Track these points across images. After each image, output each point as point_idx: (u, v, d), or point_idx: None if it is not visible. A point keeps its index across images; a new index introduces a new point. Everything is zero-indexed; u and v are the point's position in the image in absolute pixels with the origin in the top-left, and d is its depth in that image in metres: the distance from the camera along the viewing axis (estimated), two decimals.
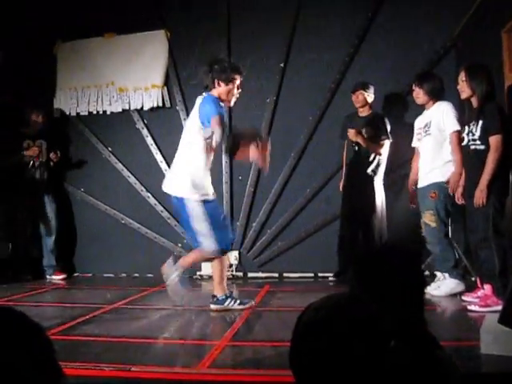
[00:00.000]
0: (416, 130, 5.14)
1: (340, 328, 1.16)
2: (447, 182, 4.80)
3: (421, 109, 5.18)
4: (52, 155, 6.45)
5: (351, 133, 5.59)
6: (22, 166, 6.39)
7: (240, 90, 4.50)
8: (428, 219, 4.89)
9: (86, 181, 6.93)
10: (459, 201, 4.57)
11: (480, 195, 4.12)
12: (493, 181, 4.10)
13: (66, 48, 7.00)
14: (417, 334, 1.58)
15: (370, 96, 5.68)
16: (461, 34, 5.82)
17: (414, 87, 5.12)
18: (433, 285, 4.87)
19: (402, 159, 5.78)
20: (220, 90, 4.42)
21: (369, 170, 5.59)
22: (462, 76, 4.36)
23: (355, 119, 5.77)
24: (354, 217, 5.68)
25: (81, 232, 6.92)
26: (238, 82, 4.46)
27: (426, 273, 5.53)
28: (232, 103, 4.57)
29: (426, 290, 4.54)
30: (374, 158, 5.60)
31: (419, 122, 5.13)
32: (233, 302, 4.38)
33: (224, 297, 4.39)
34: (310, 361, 1.17)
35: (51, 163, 6.51)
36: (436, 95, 4.99)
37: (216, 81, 4.43)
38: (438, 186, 4.87)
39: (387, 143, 5.60)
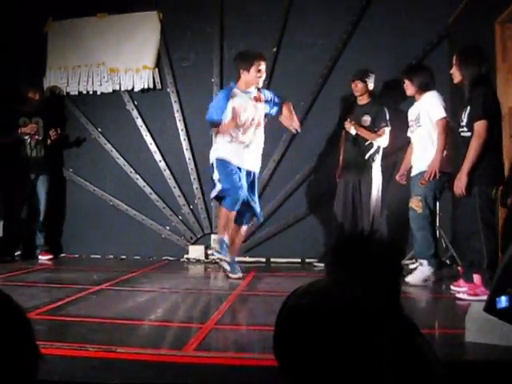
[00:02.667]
0: (409, 122, 5.14)
1: (325, 313, 1.16)
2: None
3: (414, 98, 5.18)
4: (52, 132, 6.36)
5: (349, 125, 5.59)
6: (18, 143, 6.33)
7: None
8: (414, 204, 4.88)
9: (75, 161, 6.88)
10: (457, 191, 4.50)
11: (458, 184, 4.09)
12: (475, 169, 4.03)
13: (57, 27, 6.91)
14: (393, 319, 1.58)
15: (369, 84, 5.66)
16: (454, 23, 5.82)
17: (403, 79, 5.12)
18: (413, 275, 4.90)
19: (395, 147, 5.77)
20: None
21: (367, 157, 5.59)
22: (454, 60, 4.36)
23: (354, 108, 5.76)
24: (350, 203, 5.68)
25: (69, 212, 6.90)
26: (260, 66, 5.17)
27: (412, 261, 5.58)
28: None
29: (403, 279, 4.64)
30: (372, 145, 5.60)
31: (411, 114, 5.12)
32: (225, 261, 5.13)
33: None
34: (294, 347, 1.17)
35: (48, 141, 6.45)
36: (425, 87, 4.97)
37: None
38: None
39: (387, 131, 5.58)
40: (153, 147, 6.62)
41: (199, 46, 6.63)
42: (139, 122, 6.68)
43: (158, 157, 6.62)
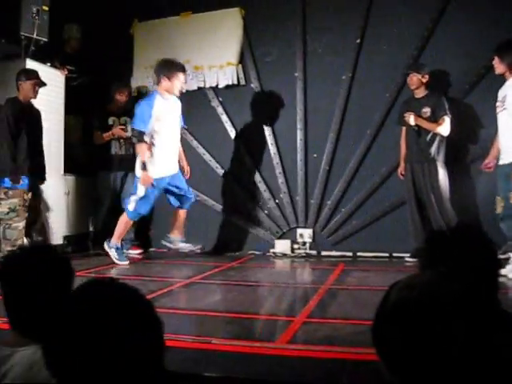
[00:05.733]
0: (497, 102, 4.93)
1: (435, 306, 1.13)
2: None
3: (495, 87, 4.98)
4: None
5: (409, 118, 5.50)
6: (108, 141, 6.60)
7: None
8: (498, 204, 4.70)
9: None
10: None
11: None
12: None
13: (142, 28, 7.13)
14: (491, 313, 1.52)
15: (424, 77, 5.55)
16: None
17: (493, 56, 4.92)
18: (508, 267, 4.71)
19: (455, 137, 5.60)
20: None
21: (431, 151, 5.47)
22: None
23: (412, 102, 5.66)
24: (418, 199, 5.58)
25: (158, 208, 7.06)
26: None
27: (506, 256, 5.37)
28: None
29: (501, 272, 4.46)
30: (436, 138, 5.48)
31: (499, 94, 4.90)
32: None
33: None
34: (401, 341, 1.14)
35: None
36: None
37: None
38: None
39: (447, 120, 5.44)
40: (237, 143, 6.68)
41: (282, 40, 6.63)
42: (224, 117, 6.76)
43: (242, 152, 6.68)
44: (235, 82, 6.69)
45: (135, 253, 6.57)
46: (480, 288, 1.33)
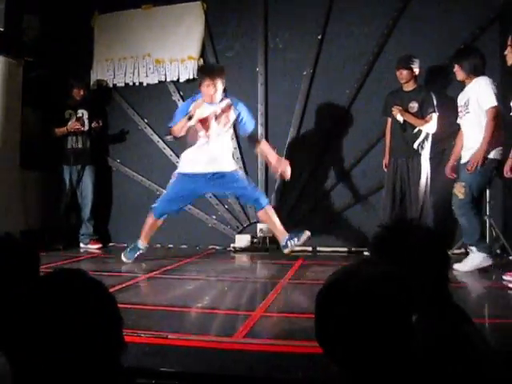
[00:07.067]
0: (458, 108, 5.01)
1: (358, 286, 1.15)
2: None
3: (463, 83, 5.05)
4: (94, 124, 6.55)
5: (396, 111, 5.48)
6: (65, 135, 6.50)
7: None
8: (457, 190, 4.81)
9: (122, 152, 7.00)
10: (507, 174, 4.44)
11: (507, 169, 4.02)
12: None
13: (103, 20, 7.04)
14: (440, 306, 1.56)
15: (415, 70, 5.50)
16: (506, 5, 5.66)
17: (453, 64, 5.01)
18: (464, 262, 4.82)
19: (444, 134, 5.66)
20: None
21: (416, 145, 5.48)
22: (510, 41, 4.23)
23: (400, 94, 5.61)
24: (399, 192, 5.59)
25: (116, 202, 7.01)
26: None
27: (461, 250, 5.48)
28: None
29: (452, 266, 4.57)
30: (421, 133, 5.48)
31: (460, 100, 4.99)
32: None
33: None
34: (334, 326, 1.16)
35: (93, 133, 6.59)
36: (475, 71, 4.83)
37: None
38: None
39: (435, 117, 5.43)
40: None
41: (243, 35, 6.62)
42: None
43: None
44: (196, 77, 6.64)
45: (94, 247, 6.51)
46: (423, 280, 1.36)
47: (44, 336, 0.99)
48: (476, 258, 4.74)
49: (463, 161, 4.94)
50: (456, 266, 4.70)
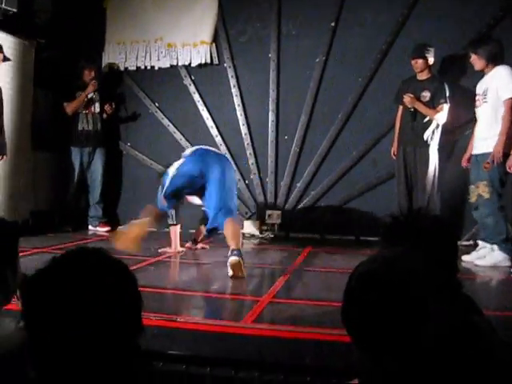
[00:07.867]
0: (476, 96, 4.94)
1: (393, 277, 1.16)
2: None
3: (479, 72, 5.00)
4: (107, 107, 6.56)
5: (408, 99, 5.43)
6: (75, 117, 6.49)
7: None
8: (481, 190, 4.71)
9: (133, 135, 7.00)
10: (510, 169, 4.44)
11: None
12: None
13: (116, 2, 6.99)
14: (450, 296, 1.56)
15: (430, 59, 5.45)
16: None
17: (470, 53, 4.95)
18: (473, 254, 4.80)
19: (456, 125, 5.62)
20: None
21: (425, 135, 5.44)
22: None
23: (413, 83, 5.56)
24: (405, 181, 5.57)
25: (126, 186, 7.03)
26: None
27: (470, 242, 5.48)
28: None
29: (463, 258, 4.56)
30: (431, 123, 5.44)
31: (479, 88, 4.91)
32: None
33: None
34: (367, 316, 1.16)
35: (104, 115, 6.60)
36: (494, 59, 4.76)
37: None
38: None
39: (445, 108, 5.39)
40: (209, 122, 6.65)
41: (256, 20, 6.59)
42: (196, 96, 6.72)
43: (214, 131, 6.66)
44: (208, 61, 6.63)
45: (103, 230, 6.53)
46: (432, 269, 1.37)
47: (64, 313, 1.00)
48: (496, 257, 4.67)
49: (475, 152, 4.88)
50: (464, 257, 4.68)
